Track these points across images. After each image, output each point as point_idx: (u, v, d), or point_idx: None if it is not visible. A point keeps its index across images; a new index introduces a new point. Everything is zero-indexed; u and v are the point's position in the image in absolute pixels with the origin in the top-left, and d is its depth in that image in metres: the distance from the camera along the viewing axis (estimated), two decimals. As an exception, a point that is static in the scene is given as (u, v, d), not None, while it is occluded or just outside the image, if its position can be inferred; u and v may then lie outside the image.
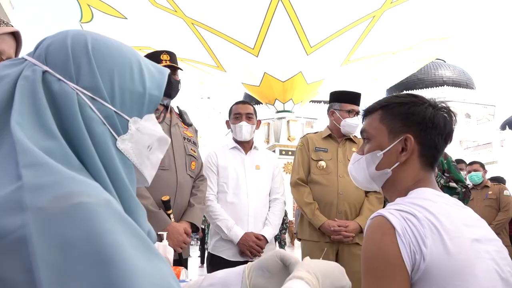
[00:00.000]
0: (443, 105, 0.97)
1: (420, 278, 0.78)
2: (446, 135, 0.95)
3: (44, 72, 0.56)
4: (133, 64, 0.63)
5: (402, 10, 12.36)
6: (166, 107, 0.78)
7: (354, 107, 2.49)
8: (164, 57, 2.00)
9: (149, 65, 0.66)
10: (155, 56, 2.03)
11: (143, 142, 0.64)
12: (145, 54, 2.14)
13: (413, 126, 0.94)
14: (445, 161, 2.89)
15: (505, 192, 4.52)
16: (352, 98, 2.53)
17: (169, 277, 0.48)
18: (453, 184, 2.74)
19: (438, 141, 0.94)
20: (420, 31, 13.25)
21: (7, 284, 0.41)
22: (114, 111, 0.60)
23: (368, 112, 1.02)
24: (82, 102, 0.57)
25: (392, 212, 0.84)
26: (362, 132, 1.03)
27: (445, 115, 0.95)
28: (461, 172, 3.12)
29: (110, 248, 0.43)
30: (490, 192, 4.54)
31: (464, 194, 2.77)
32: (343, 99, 2.53)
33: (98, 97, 0.58)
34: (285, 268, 0.71)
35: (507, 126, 29.41)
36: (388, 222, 0.82)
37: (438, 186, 2.58)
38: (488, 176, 4.99)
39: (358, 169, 1.01)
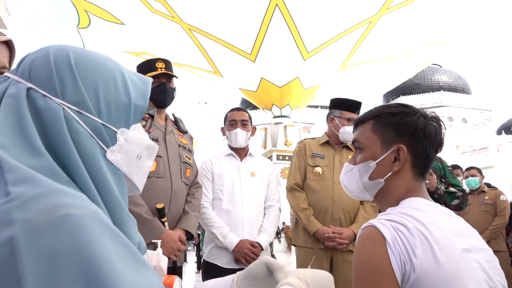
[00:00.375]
0: (433, 114, 0.98)
1: None
2: (437, 145, 0.96)
3: (29, 89, 0.57)
4: (116, 76, 0.64)
5: (398, 15, 12.43)
6: (152, 116, 0.79)
7: (354, 115, 2.49)
8: (159, 64, 2.00)
9: (132, 75, 0.67)
10: (150, 64, 2.03)
11: (132, 152, 0.65)
12: (141, 62, 2.15)
13: (406, 136, 0.94)
14: (441, 166, 2.89)
15: (502, 197, 4.52)
16: (353, 106, 2.53)
17: None
18: (453, 189, 2.73)
19: (430, 151, 0.95)
20: (416, 37, 13.33)
21: None
22: (102, 124, 0.61)
23: (359, 122, 1.03)
24: (69, 117, 0.57)
25: (383, 222, 0.84)
26: (354, 142, 1.03)
27: (435, 124, 0.96)
28: (458, 178, 3.11)
29: (97, 259, 0.44)
30: (486, 197, 4.55)
31: (462, 198, 2.77)
32: (344, 107, 2.54)
33: (85, 111, 0.59)
34: (271, 275, 0.71)
35: (503, 131, 29.55)
36: (378, 232, 0.82)
37: (440, 193, 2.57)
38: (485, 181, 5.00)
39: (351, 179, 1.02)
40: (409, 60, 14.94)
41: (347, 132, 2.47)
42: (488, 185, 4.90)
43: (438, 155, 3.52)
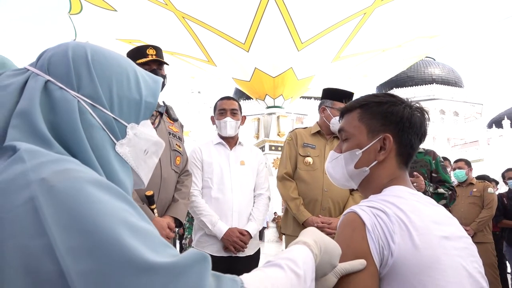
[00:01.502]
0: (417, 105, 0.99)
1: (388, 273, 0.80)
2: (421, 135, 0.98)
3: (47, 81, 0.61)
4: (129, 73, 0.68)
5: (392, 7, 12.41)
6: (161, 113, 0.84)
7: None
8: (150, 51, 1.99)
9: (144, 74, 0.72)
10: (140, 50, 2.01)
11: (140, 147, 0.70)
12: (131, 48, 2.13)
13: (391, 125, 0.95)
14: (434, 161, 2.89)
15: (489, 190, 4.57)
16: (345, 97, 2.52)
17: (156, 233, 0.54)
18: (441, 190, 2.74)
19: (414, 141, 0.97)
20: (410, 29, 13.33)
21: (25, 252, 0.46)
22: (113, 118, 0.65)
23: (346, 111, 1.03)
24: (83, 109, 0.62)
25: (364, 208, 0.86)
26: (340, 130, 1.03)
27: (419, 115, 0.97)
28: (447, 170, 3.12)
29: (109, 215, 0.50)
30: (474, 190, 4.60)
31: (450, 197, 2.77)
32: (336, 97, 2.53)
33: (98, 105, 0.64)
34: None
35: (494, 125, 29.84)
36: (359, 218, 0.84)
37: (428, 195, 2.61)
38: (475, 173, 5.05)
39: (336, 167, 1.03)
40: (403, 52, 14.96)
41: (338, 123, 2.47)
42: (481, 177, 4.94)
43: (432, 149, 3.48)
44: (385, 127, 0.96)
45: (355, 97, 2.69)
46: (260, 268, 0.64)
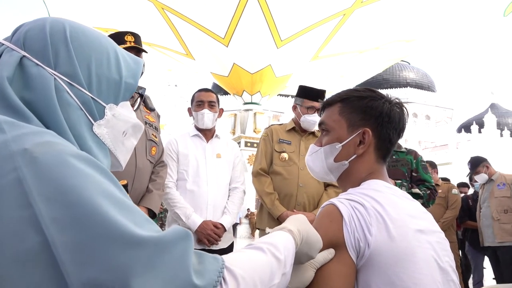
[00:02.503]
0: (397, 101, 1.01)
1: (364, 264, 0.81)
2: (400, 130, 1.00)
3: (22, 57, 0.59)
4: (110, 52, 0.66)
5: (371, 10, 12.60)
6: (141, 95, 0.82)
7: (315, 104, 2.52)
8: (128, 38, 1.95)
9: (125, 55, 0.70)
10: (118, 37, 1.97)
11: (119, 128, 0.68)
12: (109, 34, 2.08)
13: (371, 120, 0.97)
14: (415, 161, 2.94)
15: (453, 191, 4.72)
16: (313, 95, 2.55)
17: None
18: (415, 190, 2.78)
19: (393, 135, 0.98)
20: (388, 32, 13.57)
21: (10, 224, 0.46)
22: (91, 97, 0.63)
23: (327, 104, 1.04)
24: (60, 87, 0.60)
25: (342, 201, 0.87)
26: (320, 124, 1.04)
27: (399, 110, 0.99)
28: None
29: (91, 189, 0.49)
30: (439, 191, 4.74)
31: (429, 196, 2.82)
32: (305, 95, 2.56)
33: (76, 83, 0.61)
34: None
35: (463, 129, 30.83)
36: (337, 210, 0.85)
37: None
38: (442, 175, 5.20)
39: (316, 160, 1.03)
40: (379, 55, 15.23)
41: (307, 121, 2.51)
42: (444, 179, 5.07)
43: (414, 149, 3.54)
44: (365, 121, 0.97)
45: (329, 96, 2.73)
46: (242, 250, 0.65)
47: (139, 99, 0.82)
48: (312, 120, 2.50)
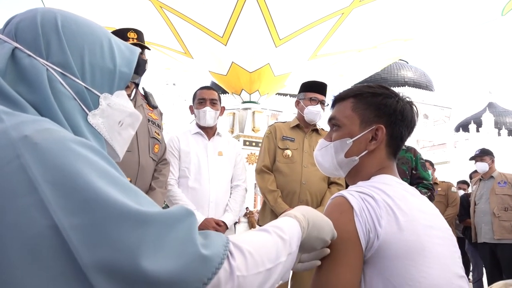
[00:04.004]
0: (408, 99, 1.01)
1: (373, 256, 0.81)
2: (411, 128, 1.00)
3: (14, 48, 0.58)
4: (103, 41, 0.65)
5: (370, 9, 12.60)
6: (137, 85, 0.80)
7: (317, 95, 2.54)
8: (131, 35, 1.94)
9: (119, 43, 0.69)
10: (121, 34, 1.96)
11: (114, 118, 0.67)
12: (111, 31, 2.07)
13: (385, 117, 0.97)
14: (414, 158, 2.94)
15: (453, 189, 4.84)
16: (315, 86, 2.59)
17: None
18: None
19: (404, 133, 0.99)
20: (386, 31, 13.57)
21: (17, 211, 0.46)
22: (85, 87, 0.62)
23: (339, 99, 1.03)
24: (52, 77, 0.59)
25: (352, 193, 0.87)
26: (331, 119, 1.03)
27: (410, 108, 1.00)
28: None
29: (95, 173, 0.50)
30: (439, 189, 4.80)
31: (429, 198, 2.82)
32: (307, 89, 2.60)
33: (69, 73, 0.61)
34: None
35: (461, 128, 30.90)
36: (347, 202, 0.85)
37: None
38: (440, 174, 5.25)
39: (325, 156, 1.02)
40: (378, 54, 15.23)
41: (310, 112, 2.52)
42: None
43: (413, 146, 3.55)
44: (378, 118, 0.97)
45: (330, 95, 2.74)
46: (247, 231, 0.66)
47: (135, 89, 0.80)
48: (315, 111, 2.51)
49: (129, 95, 0.73)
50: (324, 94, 2.60)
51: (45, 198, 0.46)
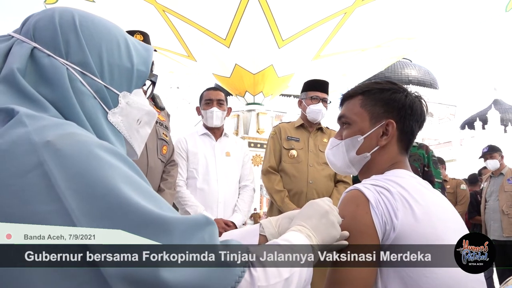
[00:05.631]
0: (417, 94, 1.01)
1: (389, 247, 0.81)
2: (421, 122, 1.01)
3: (33, 48, 0.58)
4: (120, 40, 0.66)
5: (373, 8, 12.57)
6: (154, 83, 0.81)
7: (318, 93, 2.55)
8: (137, 37, 1.96)
9: (135, 42, 0.69)
10: (127, 36, 1.97)
11: (133, 116, 0.68)
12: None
13: (394, 112, 0.97)
14: (426, 155, 2.93)
15: (462, 186, 4.77)
16: (315, 85, 2.60)
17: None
18: None
19: (415, 127, 0.99)
20: (389, 30, 13.52)
21: (40, 218, 0.46)
22: (104, 86, 0.63)
23: (348, 97, 1.03)
24: (73, 77, 0.59)
25: (367, 186, 0.87)
26: (340, 117, 1.03)
27: (419, 103, 1.00)
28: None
29: (115, 178, 0.50)
30: (448, 187, 4.76)
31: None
32: (308, 88, 2.61)
33: (88, 72, 0.61)
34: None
35: (466, 126, 30.74)
36: (362, 195, 0.85)
37: None
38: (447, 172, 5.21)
39: (337, 154, 1.02)
40: (381, 53, 15.17)
41: (312, 111, 2.53)
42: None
43: (425, 143, 3.55)
44: (388, 113, 0.97)
45: (333, 96, 2.75)
46: (262, 245, 0.67)
47: (151, 86, 0.81)
48: (317, 109, 2.52)
49: (145, 92, 0.74)
50: (325, 92, 2.59)
51: (68, 206, 0.46)
